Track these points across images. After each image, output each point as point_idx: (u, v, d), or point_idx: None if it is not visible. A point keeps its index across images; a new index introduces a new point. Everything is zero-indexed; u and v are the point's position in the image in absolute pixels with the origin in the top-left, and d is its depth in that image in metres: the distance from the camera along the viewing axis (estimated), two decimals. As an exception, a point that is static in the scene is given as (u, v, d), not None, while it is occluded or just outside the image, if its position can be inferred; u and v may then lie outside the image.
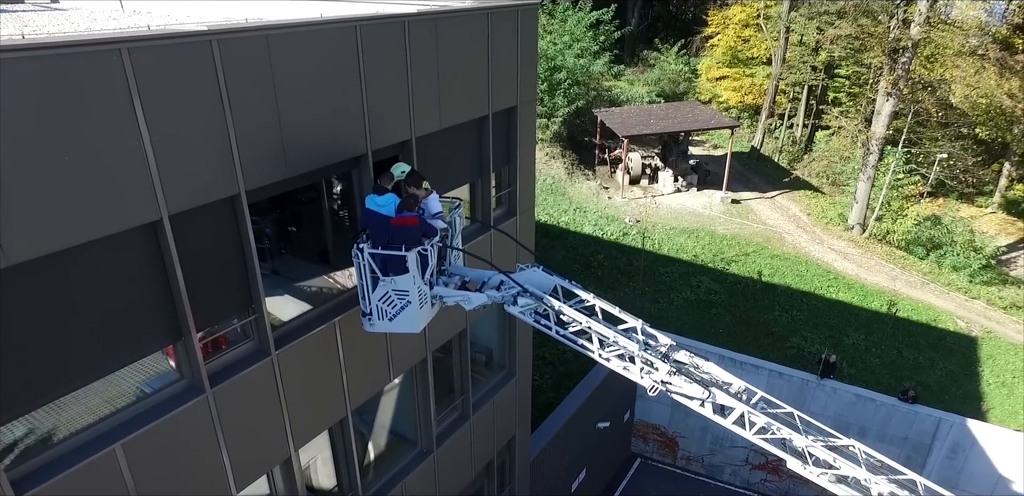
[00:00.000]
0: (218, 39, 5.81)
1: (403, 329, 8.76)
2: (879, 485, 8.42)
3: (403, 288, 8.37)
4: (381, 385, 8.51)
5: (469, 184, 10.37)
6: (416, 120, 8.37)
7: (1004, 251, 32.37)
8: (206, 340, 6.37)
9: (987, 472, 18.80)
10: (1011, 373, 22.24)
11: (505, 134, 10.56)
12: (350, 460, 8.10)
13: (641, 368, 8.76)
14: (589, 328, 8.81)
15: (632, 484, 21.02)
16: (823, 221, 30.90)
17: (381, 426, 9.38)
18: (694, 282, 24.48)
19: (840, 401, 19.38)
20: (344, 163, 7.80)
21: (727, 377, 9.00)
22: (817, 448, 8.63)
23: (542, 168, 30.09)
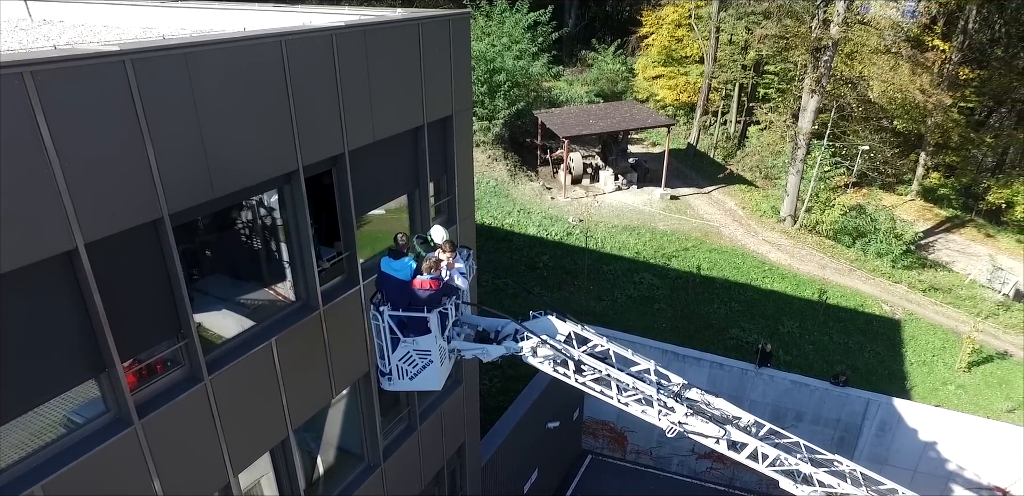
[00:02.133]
0: (132, 59, 5.55)
1: (424, 387, 8.75)
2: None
3: (425, 348, 8.36)
4: (323, 402, 8.32)
5: (407, 195, 10.25)
6: (348, 133, 8.20)
7: (922, 236, 33.96)
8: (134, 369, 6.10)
9: (913, 446, 19.73)
10: (931, 352, 23.33)
11: (442, 143, 10.46)
12: (294, 481, 7.89)
13: (659, 411, 9.02)
14: (608, 375, 8.96)
15: (584, 480, 21.22)
16: (757, 214, 31.75)
17: (327, 442, 9.16)
18: (637, 278, 24.83)
19: (777, 388, 20.02)
20: (275, 180, 7.58)
21: (736, 411, 9.39)
22: (821, 474, 9.15)
23: (485, 170, 30.01)
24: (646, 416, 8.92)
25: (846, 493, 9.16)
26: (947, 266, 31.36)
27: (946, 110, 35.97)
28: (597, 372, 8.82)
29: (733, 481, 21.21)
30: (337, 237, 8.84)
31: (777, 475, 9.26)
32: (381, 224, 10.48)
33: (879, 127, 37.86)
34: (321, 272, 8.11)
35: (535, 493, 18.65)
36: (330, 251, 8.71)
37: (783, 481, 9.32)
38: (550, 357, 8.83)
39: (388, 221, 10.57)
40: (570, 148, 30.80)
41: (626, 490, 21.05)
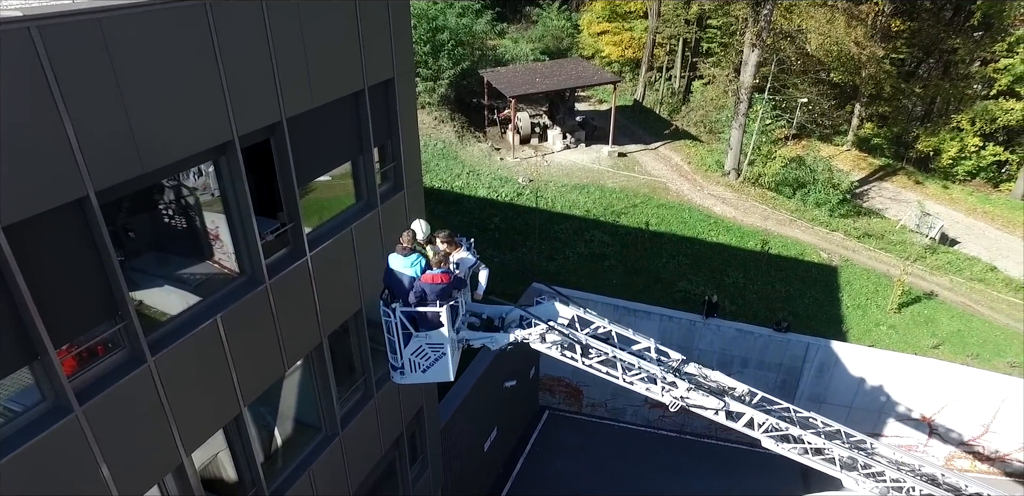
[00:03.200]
0: (38, 26, 5.09)
1: (437, 378, 8.82)
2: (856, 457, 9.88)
3: (438, 342, 8.38)
4: (276, 376, 8.18)
5: (351, 162, 9.93)
6: (285, 101, 7.81)
7: (857, 185, 34.97)
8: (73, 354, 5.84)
9: (848, 385, 20.85)
10: (865, 296, 24.33)
11: (384, 107, 10.10)
12: (250, 456, 7.80)
13: (662, 388, 9.27)
14: (615, 357, 9.14)
15: (542, 435, 21.71)
16: (703, 169, 32.08)
17: (283, 415, 9.06)
18: (587, 236, 24.97)
19: (724, 337, 20.74)
20: (209, 152, 7.21)
21: (731, 382, 9.79)
22: (808, 435, 9.66)
23: (431, 133, 29.37)
24: (650, 393, 9.25)
25: (824, 447, 9.74)
26: (880, 213, 32.48)
27: (879, 62, 36.59)
28: (604, 354, 9.01)
29: (684, 427, 22.12)
30: (280, 208, 8.55)
31: (768, 440, 9.79)
32: (327, 192, 10.19)
33: (817, 80, 38.35)
34: (265, 245, 7.86)
35: (496, 450, 19.07)
36: (274, 223, 8.44)
37: (765, 440, 9.81)
38: (558, 342, 8.93)
39: (333, 188, 10.29)
40: (517, 107, 30.33)
41: (583, 441, 21.63)
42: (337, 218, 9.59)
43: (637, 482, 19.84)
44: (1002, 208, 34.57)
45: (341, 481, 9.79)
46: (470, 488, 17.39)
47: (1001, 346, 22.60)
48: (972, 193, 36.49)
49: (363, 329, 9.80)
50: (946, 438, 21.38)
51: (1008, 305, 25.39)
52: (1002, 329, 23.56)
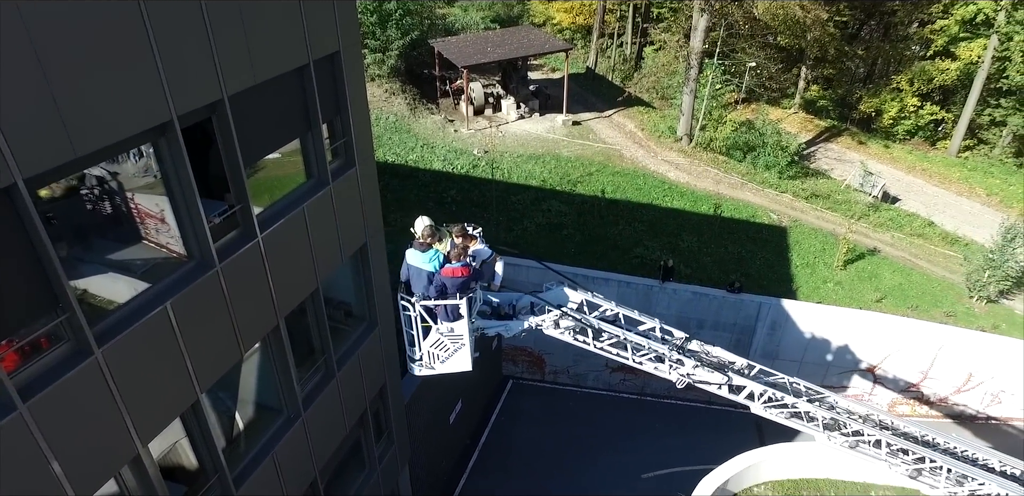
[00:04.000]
0: (-56, 4, 4.69)
1: (456, 368, 9.05)
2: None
3: (459, 333, 8.51)
4: (233, 361, 7.99)
5: (299, 139, 9.60)
6: (225, 77, 7.43)
7: (804, 147, 35.63)
8: (15, 349, 5.57)
9: (799, 340, 21.63)
10: (813, 255, 25.01)
11: (331, 82, 9.73)
12: (210, 443, 7.67)
13: (670, 366, 9.52)
14: (626, 339, 9.29)
15: (507, 404, 21.97)
16: (656, 135, 32.18)
17: (243, 399, 8.90)
18: (544, 206, 24.93)
19: (680, 300, 21.19)
20: (147, 133, 6.85)
21: (731, 357, 10.10)
22: (802, 403, 10.05)
23: (383, 106, 28.67)
24: (658, 372, 9.54)
25: (807, 411, 10.15)
26: (826, 173, 33.22)
27: (823, 24, 36.92)
28: (615, 337, 9.18)
29: (644, 389, 22.70)
30: (227, 189, 8.25)
31: (760, 407, 10.20)
32: (276, 171, 9.88)
33: (764, 44, 38.54)
34: (213, 228, 7.59)
35: (461, 422, 19.21)
36: (221, 205, 8.15)
37: (755, 407, 10.19)
38: (571, 327, 9.07)
39: (283, 167, 9.97)
40: (470, 78, 29.79)
41: (547, 408, 21.96)
42: (287, 198, 9.30)
43: (601, 444, 20.29)
44: (939, 165, 35.78)
45: (306, 462, 9.72)
46: (437, 460, 17.50)
47: (938, 297, 23.66)
48: (911, 152, 37.58)
49: (321, 309, 9.63)
50: (889, 386, 22.50)
51: (944, 258, 26.51)
52: (939, 281, 24.64)
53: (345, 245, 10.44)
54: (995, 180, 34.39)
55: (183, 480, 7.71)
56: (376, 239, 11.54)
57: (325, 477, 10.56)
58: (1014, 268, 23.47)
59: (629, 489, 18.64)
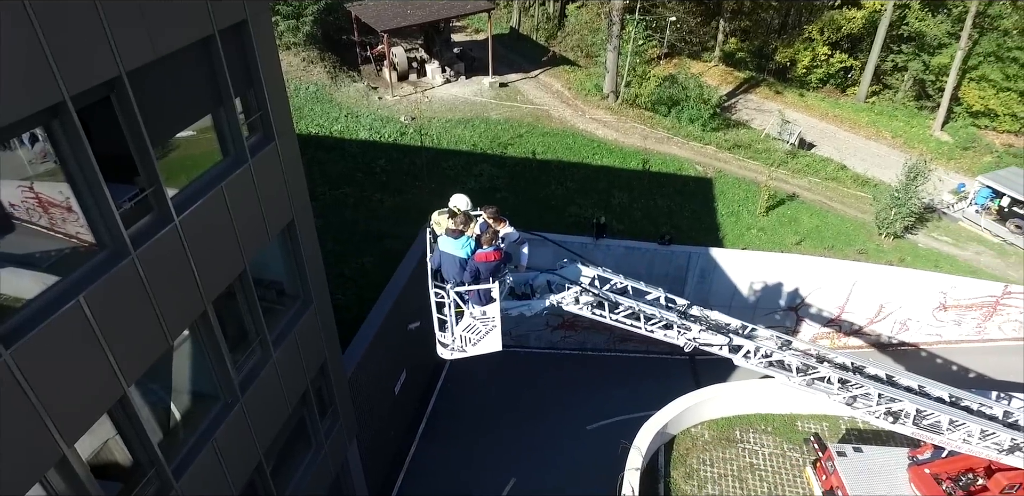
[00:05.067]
0: None
1: (487, 349, 9.23)
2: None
3: (492, 315, 8.62)
4: (159, 351, 7.65)
5: (211, 115, 9.13)
6: (121, 52, 6.88)
7: (725, 99, 36.39)
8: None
9: (727, 286, 22.53)
10: (737, 203, 25.76)
11: (240, 52, 9.16)
12: (143, 436, 7.37)
13: (679, 332, 9.89)
14: (640, 310, 9.60)
15: (452, 371, 22.09)
16: (583, 93, 32.14)
17: (177, 388, 8.60)
18: (476, 171, 24.68)
19: (614, 255, 21.63)
20: (37, 116, 6.36)
21: (727, 319, 10.62)
22: (787, 355, 10.69)
23: (301, 75, 27.48)
24: (667, 338, 9.99)
25: (782, 359, 10.90)
26: (747, 124, 34.08)
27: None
28: (630, 308, 9.50)
29: (585, 344, 23.27)
30: (136, 172, 7.81)
31: (743, 360, 10.79)
32: (189, 150, 9.41)
33: (683, -2, 38.73)
34: (124, 214, 7.20)
35: (407, 392, 19.16)
36: (131, 189, 7.72)
37: (738, 359, 10.76)
38: (590, 302, 9.30)
39: (196, 146, 9.50)
40: (391, 43, 28.81)
41: (492, 371, 21.82)
42: (204, 177, 8.83)
43: (546, 401, 20.67)
44: (848, 111, 37.23)
45: (248, 445, 9.53)
46: (386, 431, 17.48)
47: (851, 236, 24.98)
48: (824, 99, 38.89)
49: (251, 290, 9.29)
50: (811, 322, 23.88)
51: (856, 199, 27.89)
52: (852, 221, 25.96)
53: (271, 223, 10.11)
54: (899, 123, 36.12)
55: (117, 477, 7.43)
56: (304, 214, 11.22)
57: (271, 459, 10.41)
58: (916, 205, 24.98)
59: (575, 441, 19.17)
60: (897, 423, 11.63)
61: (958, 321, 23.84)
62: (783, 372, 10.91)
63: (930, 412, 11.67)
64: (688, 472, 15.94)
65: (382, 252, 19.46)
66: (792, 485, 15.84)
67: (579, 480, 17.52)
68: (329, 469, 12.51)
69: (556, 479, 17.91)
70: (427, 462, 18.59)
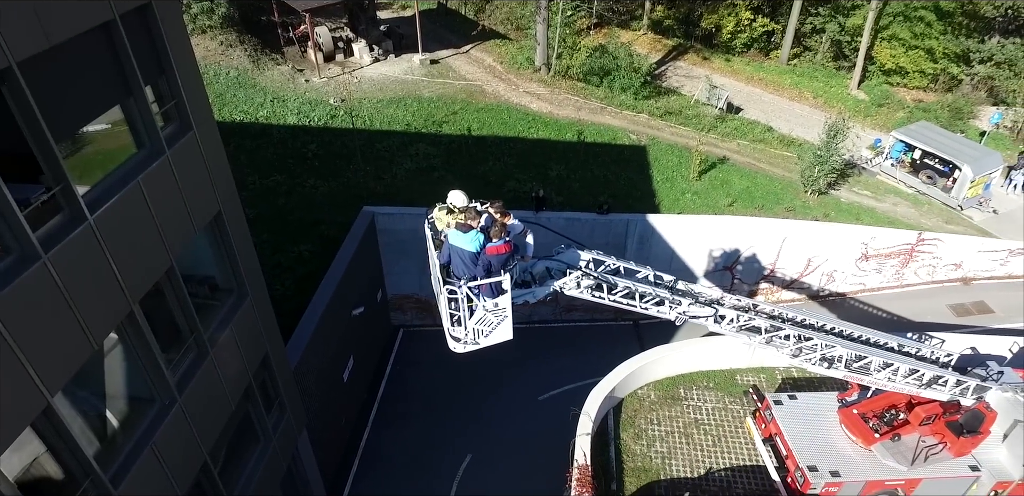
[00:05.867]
0: None
1: (499, 339, 9.32)
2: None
3: (504, 306, 8.76)
4: (83, 357, 7.27)
5: (120, 106, 8.66)
6: (9, 41, 6.40)
7: (655, 67, 36.70)
8: None
9: (665, 250, 23.05)
10: (671, 169, 26.16)
11: (147, 37, 8.61)
12: (74, 447, 7.04)
13: (670, 307, 10.34)
14: (636, 289, 9.96)
15: (401, 353, 21.88)
16: (515, 67, 31.80)
17: (110, 394, 8.22)
18: (412, 151, 24.22)
19: (555, 227, 21.67)
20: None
21: (708, 290, 11.25)
22: (758, 319, 11.27)
23: (220, 60, 26.24)
24: (660, 313, 10.47)
25: (750, 322, 11.46)
26: (677, 91, 34.45)
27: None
28: (627, 288, 9.82)
29: (531, 316, 23.42)
30: (40, 170, 7.37)
31: (732, 331, 11.30)
32: (100, 144, 8.92)
33: (608, -33, 38.49)
34: (31, 215, 6.79)
35: (356, 378, 18.90)
36: (37, 188, 7.28)
37: (712, 325, 11.21)
38: (590, 285, 9.55)
39: (107, 139, 9.02)
40: (314, 22, 27.76)
41: (441, 351, 21.69)
42: (118, 172, 8.37)
43: (496, 376, 20.69)
44: (772, 74, 38.11)
45: (191, 446, 9.27)
46: (336, 420, 17.27)
47: (779, 195, 25.85)
48: (749, 63, 39.62)
49: (180, 286, 8.91)
50: (746, 280, 24.79)
51: (783, 159, 28.79)
52: (779, 180, 26.84)
53: (196, 215, 9.72)
54: (819, 83, 37.24)
55: (50, 492, 7.12)
56: (231, 205, 10.83)
57: (217, 458, 10.15)
58: (837, 162, 26.01)
59: (527, 413, 19.39)
60: (831, 368, 12.33)
61: (879, 269, 25.17)
62: (749, 334, 11.43)
63: (859, 355, 12.41)
64: (637, 432, 16.49)
65: (319, 239, 18.99)
66: (735, 436, 16.59)
67: (534, 450, 17.76)
68: (280, 462, 12.27)
69: (511, 451, 18.10)
70: (382, 447, 18.47)
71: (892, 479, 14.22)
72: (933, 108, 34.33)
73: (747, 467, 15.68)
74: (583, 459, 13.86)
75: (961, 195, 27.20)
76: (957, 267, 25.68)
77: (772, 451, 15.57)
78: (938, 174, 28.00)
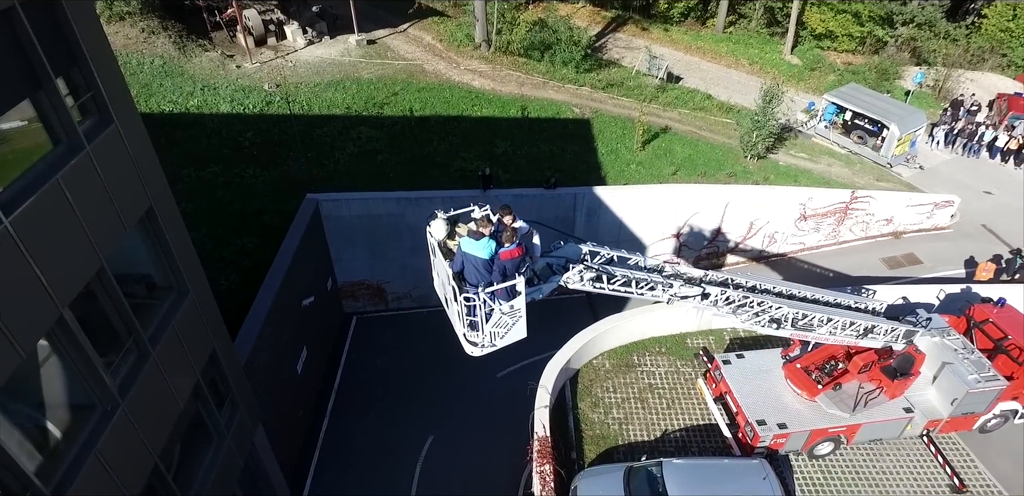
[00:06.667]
0: None
1: (514, 339, 9.58)
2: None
3: (519, 307, 9.03)
4: (11, 367, 6.91)
5: (29, 100, 8.18)
6: None
7: (595, 40, 36.54)
8: None
9: (613, 221, 23.24)
10: (615, 141, 26.19)
11: (53, 26, 8.09)
12: (9, 463, 6.73)
13: (663, 290, 10.73)
14: (632, 278, 10.27)
15: (355, 340, 21.52)
16: (455, 45, 31.21)
17: (47, 403, 7.87)
18: (354, 135, 23.59)
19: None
20: None
21: (693, 270, 11.63)
22: (738, 294, 11.68)
23: (143, 48, 24.94)
24: (654, 297, 10.84)
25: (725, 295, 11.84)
26: (617, 62, 34.41)
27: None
28: (624, 277, 10.11)
29: (489, 293, 23.63)
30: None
31: (720, 309, 11.70)
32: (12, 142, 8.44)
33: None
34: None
35: (311, 369, 18.52)
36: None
37: (698, 303, 11.55)
38: (591, 278, 9.83)
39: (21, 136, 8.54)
40: (242, 5, 26.63)
41: (397, 335, 21.70)
42: (34, 171, 7.93)
43: (454, 357, 20.09)
44: (709, 42, 38.44)
45: (139, 450, 8.98)
46: (293, 412, 16.96)
47: (721, 161, 26.32)
48: (687, 32, 39.83)
49: (113, 287, 8.49)
50: (692, 246, 25.34)
51: (722, 126, 29.26)
52: (720, 147, 27.31)
53: (125, 212, 9.30)
54: (754, 50, 37.79)
55: None
56: (164, 199, 10.41)
57: (169, 459, 9.91)
58: (774, 126, 26.60)
59: (487, 390, 19.40)
60: (780, 329, 12.81)
61: (817, 228, 26.05)
62: (719, 305, 11.85)
63: (804, 314, 12.89)
64: (594, 401, 16.82)
65: (263, 230, 18.41)
66: (687, 397, 17.09)
67: (495, 427, 17.87)
68: (236, 460, 12.03)
69: (473, 429, 18.14)
70: (342, 436, 18.27)
71: (835, 427, 14.95)
72: (861, 70, 35.31)
73: (700, 426, 16.19)
74: (542, 431, 14.10)
75: (890, 153, 28.24)
76: (888, 222, 26.78)
77: (723, 409, 16.15)
78: (868, 134, 28.96)
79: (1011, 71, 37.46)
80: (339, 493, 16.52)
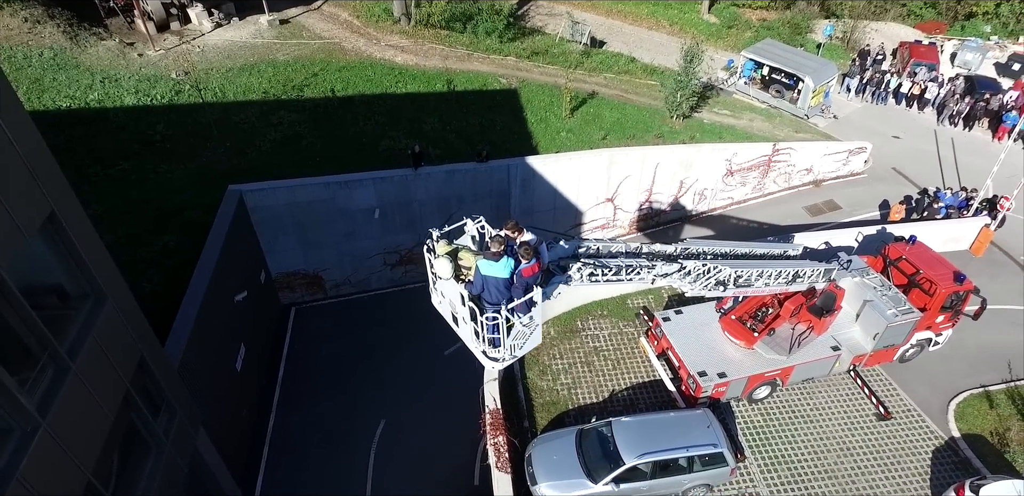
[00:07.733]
0: None
1: (533, 345, 9.89)
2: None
3: (535, 317, 9.30)
4: None
5: None
6: None
7: (516, 8, 35.88)
8: None
9: (548, 191, 23.27)
10: (544, 109, 25.92)
11: None
12: None
13: (647, 272, 11.10)
14: (627, 266, 10.69)
15: (296, 333, 20.97)
16: (373, 20, 30.11)
17: None
18: (274, 120, 22.62)
19: (436, 181, 21.38)
20: None
21: (667, 247, 12.16)
22: (698, 264, 12.16)
23: (28, 40, 23.02)
24: (642, 281, 11.20)
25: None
26: (541, 30, 33.88)
27: None
28: (617, 267, 10.51)
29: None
30: None
31: (699, 286, 12.23)
32: None
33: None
34: None
35: (251, 365, 18.03)
36: None
37: (676, 281, 12.01)
38: (590, 273, 10.16)
39: None
40: (136, -12, 24.89)
41: (338, 323, 21.26)
42: (-94, 184, 7.36)
43: (400, 338, 20.43)
44: (630, 6, 38.19)
45: (69, 469, 8.51)
46: (236, 411, 16.50)
47: (648, 123, 26.57)
48: (607, -4, 39.59)
49: (16, 299, 7.93)
50: (626, 209, 25.67)
51: (648, 88, 29.43)
52: (647, 109, 27.53)
53: (23, 219, 8.65)
54: (674, 11, 37.89)
55: None
56: (67, 202, 9.70)
57: (105, 475, 9.44)
58: (696, 85, 26.93)
59: (436, 369, 19.26)
60: (725, 289, 13.24)
61: (743, 182, 26.77)
62: (695, 278, 12.26)
63: (743, 271, 13.27)
64: (542, 369, 17.05)
65: (185, 227, 17.54)
66: (632, 357, 17.53)
67: (448, 404, 17.85)
68: (179, 466, 11.63)
69: (425, 410, 18.03)
70: (291, 429, 17.82)
71: (770, 371, 15.67)
72: (776, 26, 35.97)
73: (646, 383, 16.69)
74: (493, 404, 14.26)
75: (806, 105, 29.08)
76: (808, 171, 27.76)
77: (667, 365, 16.68)
78: (785, 87, 29.67)
79: (911, 20, 38.92)
80: (292, 488, 16.20)
